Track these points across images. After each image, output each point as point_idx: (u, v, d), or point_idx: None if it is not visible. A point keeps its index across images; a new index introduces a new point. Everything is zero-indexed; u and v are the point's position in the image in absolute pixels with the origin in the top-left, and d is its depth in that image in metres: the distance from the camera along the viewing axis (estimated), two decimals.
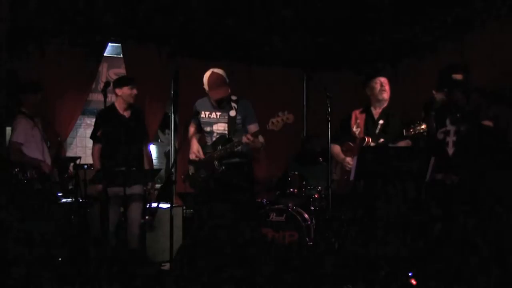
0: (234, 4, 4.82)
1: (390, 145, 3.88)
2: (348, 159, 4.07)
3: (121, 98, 4.43)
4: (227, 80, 4.04)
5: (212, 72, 4.03)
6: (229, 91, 4.05)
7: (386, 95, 4.10)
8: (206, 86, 4.05)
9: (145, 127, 4.72)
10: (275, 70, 6.77)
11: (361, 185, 3.86)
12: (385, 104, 4.13)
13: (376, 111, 4.14)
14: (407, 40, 5.60)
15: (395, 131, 3.86)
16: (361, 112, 4.19)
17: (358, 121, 4.12)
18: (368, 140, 3.96)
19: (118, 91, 4.40)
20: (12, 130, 4.45)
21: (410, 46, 5.72)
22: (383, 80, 4.14)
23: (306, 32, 5.57)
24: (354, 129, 4.17)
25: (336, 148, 4.22)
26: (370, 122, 4.11)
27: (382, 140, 3.95)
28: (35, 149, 4.47)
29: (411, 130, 3.63)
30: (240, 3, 4.81)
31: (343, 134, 4.22)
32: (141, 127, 4.60)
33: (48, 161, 4.56)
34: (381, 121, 4.05)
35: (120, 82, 4.45)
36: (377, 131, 4.02)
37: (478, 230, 3.43)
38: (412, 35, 5.45)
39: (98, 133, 4.38)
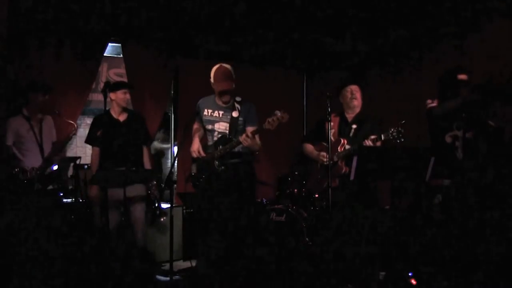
0: (233, 4, 4.82)
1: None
2: (323, 153, 4.17)
3: (115, 102, 4.47)
4: (234, 76, 4.09)
5: (220, 65, 4.11)
6: (234, 86, 4.09)
7: (356, 102, 4.23)
8: (212, 79, 4.10)
9: (145, 130, 4.69)
10: (275, 70, 6.77)
11: (356, 185, 3.88)
12: (357, 110, 4.27)
13: (349, 116, 4.29)
14: (407, 40, 5.59)
15: (366, 136, 3.98)
16: (336, 116, 4.31)
17: (332, 123, 4.19)
18: (344, 141, 4.12)
19: (112, 95, 4.43)
20: None
21: (410, 46, 5.72)
22: (354, 88, 4.26)
23: (306, 32, 5.56)
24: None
25: (309, 147, 4.39)
26: (343, 125, 4.26)
27: (374, 138, 3.96)
28: (27, 149, 4.42)
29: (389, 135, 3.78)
30: (239, 3, 4.81)
31: (317, 135, 4.35)
32: (140, 130, 4.58)
33: (37, 161, 4.41)
34: (354, 126, 4.20)
35: (114, 87, 4.47)
36: (351, 134, 4.17)
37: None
38: (413, 35, 5.45)
39: (98, 133, 4.39)
